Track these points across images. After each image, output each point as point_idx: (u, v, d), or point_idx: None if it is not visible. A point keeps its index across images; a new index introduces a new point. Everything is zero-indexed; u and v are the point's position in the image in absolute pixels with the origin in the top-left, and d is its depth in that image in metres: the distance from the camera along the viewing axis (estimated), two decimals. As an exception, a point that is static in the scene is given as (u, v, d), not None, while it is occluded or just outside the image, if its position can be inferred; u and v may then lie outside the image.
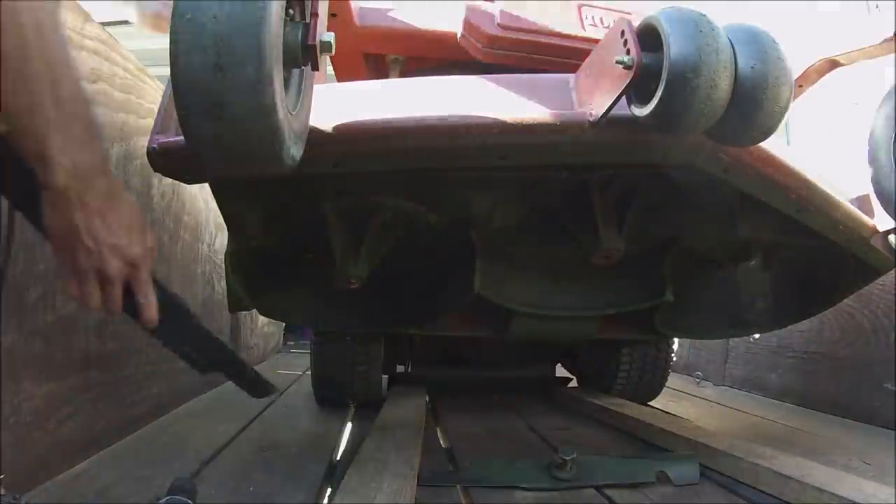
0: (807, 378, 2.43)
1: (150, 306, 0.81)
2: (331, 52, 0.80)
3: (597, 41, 1.22)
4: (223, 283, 1.77)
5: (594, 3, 1.70)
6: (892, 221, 1.39)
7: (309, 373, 2.19)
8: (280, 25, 0.72)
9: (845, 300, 1.79)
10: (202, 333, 0.96)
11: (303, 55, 0.80)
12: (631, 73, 0.94)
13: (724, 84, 0.93)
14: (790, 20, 1.66)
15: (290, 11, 0.79)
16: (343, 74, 1.83)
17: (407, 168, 1.19)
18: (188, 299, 1.98)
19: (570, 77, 1.18)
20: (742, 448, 1.35)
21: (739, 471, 1.28)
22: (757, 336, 2.67)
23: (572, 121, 1.10)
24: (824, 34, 1.54)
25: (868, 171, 1.36)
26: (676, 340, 2.73)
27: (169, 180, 1.10)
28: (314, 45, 0.79)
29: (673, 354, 2.37)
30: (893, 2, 1.36)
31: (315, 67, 0.83)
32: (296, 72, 0.86)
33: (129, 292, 0.78)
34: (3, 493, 0.91)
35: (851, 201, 1.42)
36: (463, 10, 1.65)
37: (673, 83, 0.92)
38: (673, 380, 2.43)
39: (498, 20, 1.60)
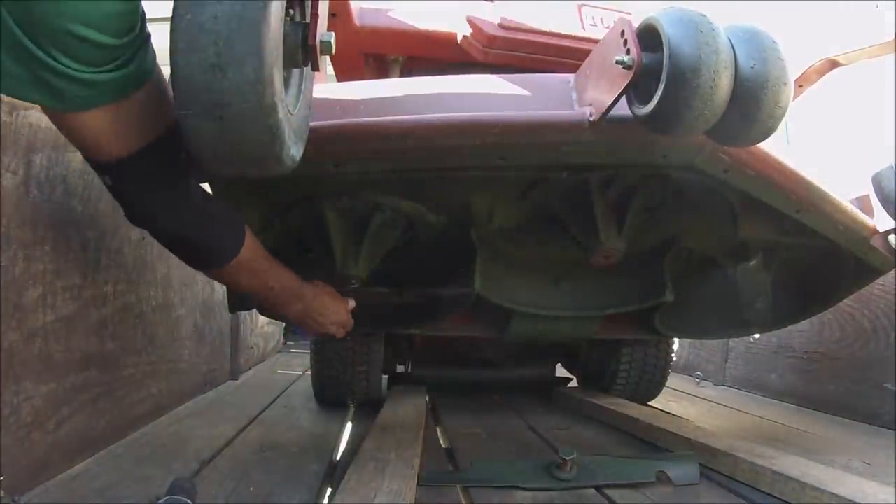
0: (807, 378, 2.43)
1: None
2: (331, 52, 0.80)
3: (597, 41, 1.22)
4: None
5: (594, 3, 1.70)
6: (892, 221, 1.39)
7: (309, 373, 2.19)
8: (280, 26, 0.72)
9: (845, 300, 1.79)
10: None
11: (303, 55, 0.80)
12: (631, 74, 0.94)
13: (724, 84, 0.93)
14: (791, 20, 1.66)
15: (291, 11, 0.79)
16: (343, 74, 1.83)
17: (407, 168, 1.19)
18: (188, 299, 1.99)
19: (570, 77, 1.18)
20: (742, 448, 1.35)
21: (739, 471, 1.28)
22: (757, 336, 2.67)
23: (572, 121, 1.10)
24: (826, 34, 1.54)
25: None
26: (676, 340, 2.73)
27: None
28: (314, 46, 0.79)
29: (673, 354, 2.37)
30: (894, 1, 1.36)
31: (315, 68, 0.83)
32: (296, 72, 0.86)
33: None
34: (2, 495, 0.91)
35: (851, 201, 1.42)
36: (463, 10, 1.65)
37: (673, 83, 0.92)
38: (673, 380, 2.43)
39: (498, 21, 1.60)
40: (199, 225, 0.99)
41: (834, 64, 1.59)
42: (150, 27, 0.79)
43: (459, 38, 1.64)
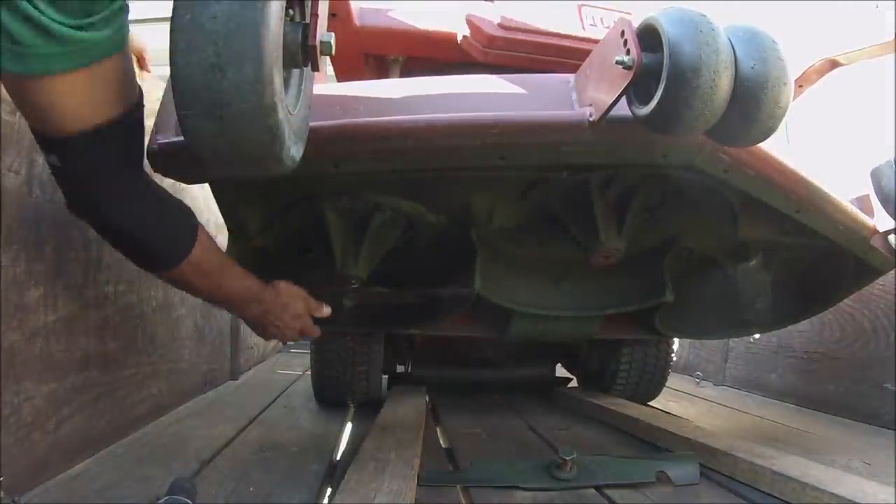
0: (807, 378, 2.43)
1: (315, 333, 1.32)
2: (331, 52, 0.80)
3: (597, 41, 1.22)
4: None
5: (594, 3, 1.70)
6: (892, 221, 1.39)
7: (309, 373, 2.19)
8: (280, 26, 0.72)
9: (845, 300, 1.79)
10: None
11: (303, 55, 0.80)
12: (631, 74, 0.94)
13: (724, 84, 0.93)
14: (791, 20, 1.66)
15: (290, 12, 0.79)
16: (343, 74, 1.83)
17: (407, 168, 1.19)
18: (188, 299, 1.99)
19: (570, 77, 1.18)
20: (742, 448, 1.35)
21: (739, 471, 1.28)
22: (757, 336, 2.67)
23: (572, 121, 1.10)
24: (826, 34, 1.54)
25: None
26: (676, 340, 2.73)
27: (169, 180, 1.11)
28: (314, 46, 0.79)
29: (673, 354, 2.37)
30: (894, 1, 1.36)
31: (315, 68, 0.83)
32: (296, 72, 0.86)
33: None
34: (2, 495, 0.91)
35: (851, 201, 1.42)
36: (463, 10, 1.65)
37: (673, 83, 0.92)
38: (673, 380, 2.43)
39: (498, 21, 1.60)
40: (146, 219, 0.91)
41: (834, 64, 1.59)
42: (150, 27, 0.78)
43: (459, 38, 1.64)
